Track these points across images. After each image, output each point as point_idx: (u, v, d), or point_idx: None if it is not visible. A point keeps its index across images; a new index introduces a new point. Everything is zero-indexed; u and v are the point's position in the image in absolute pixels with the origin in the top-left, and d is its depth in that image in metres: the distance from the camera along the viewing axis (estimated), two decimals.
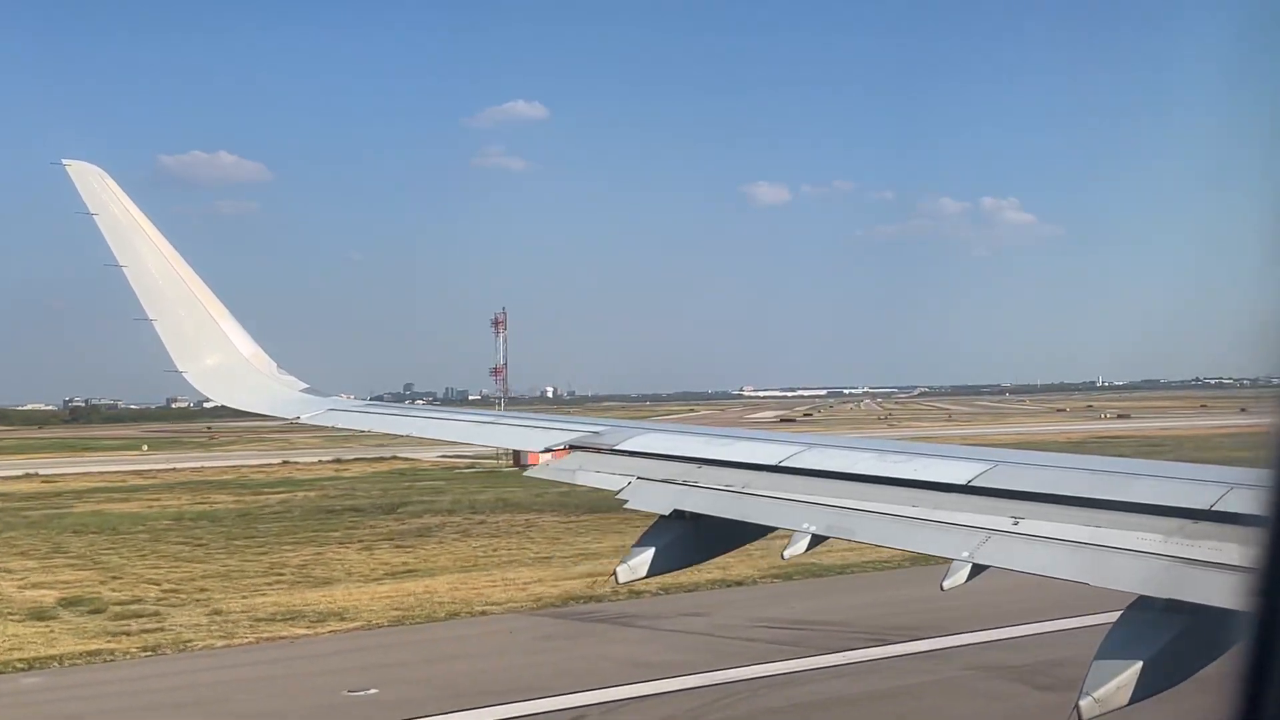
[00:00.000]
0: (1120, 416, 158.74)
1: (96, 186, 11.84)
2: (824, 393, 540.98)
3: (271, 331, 13.12)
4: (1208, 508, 6.59)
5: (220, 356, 12.29)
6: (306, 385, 12.73)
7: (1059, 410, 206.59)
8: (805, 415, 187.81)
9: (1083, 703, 6.16)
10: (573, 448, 10.11)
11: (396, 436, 12.08)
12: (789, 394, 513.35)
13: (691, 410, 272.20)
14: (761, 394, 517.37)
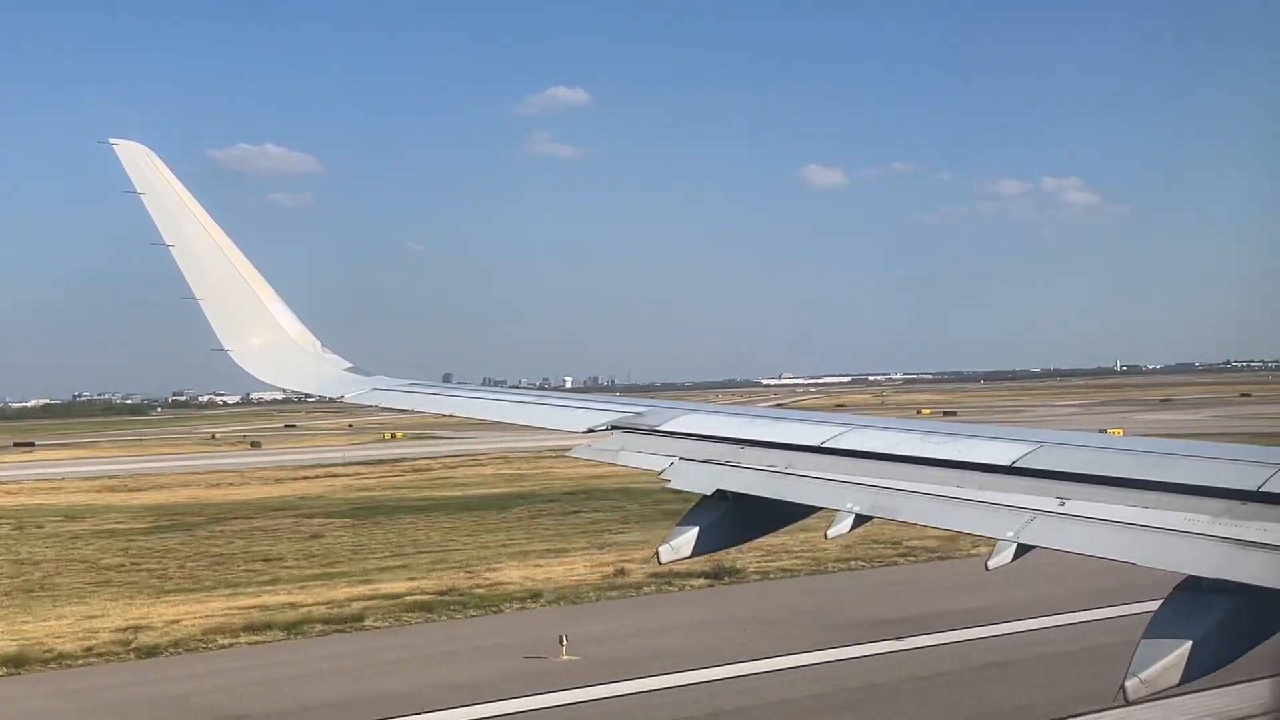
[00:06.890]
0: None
1: (143, 165, 11.87)
2: (848, 380, 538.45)
3: (316, 320, 13.18)
4: (1255, 488, 6.58)
5: (266, 336, 12.33)
6: (351, 364, 12.80)
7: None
8: None
9: (1128, 684, 6.03)
10: (615, 428, 10.14)
11: (440, 415, 12.15)
12: (808, 382, 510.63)
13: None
14: (784, 383, 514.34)
